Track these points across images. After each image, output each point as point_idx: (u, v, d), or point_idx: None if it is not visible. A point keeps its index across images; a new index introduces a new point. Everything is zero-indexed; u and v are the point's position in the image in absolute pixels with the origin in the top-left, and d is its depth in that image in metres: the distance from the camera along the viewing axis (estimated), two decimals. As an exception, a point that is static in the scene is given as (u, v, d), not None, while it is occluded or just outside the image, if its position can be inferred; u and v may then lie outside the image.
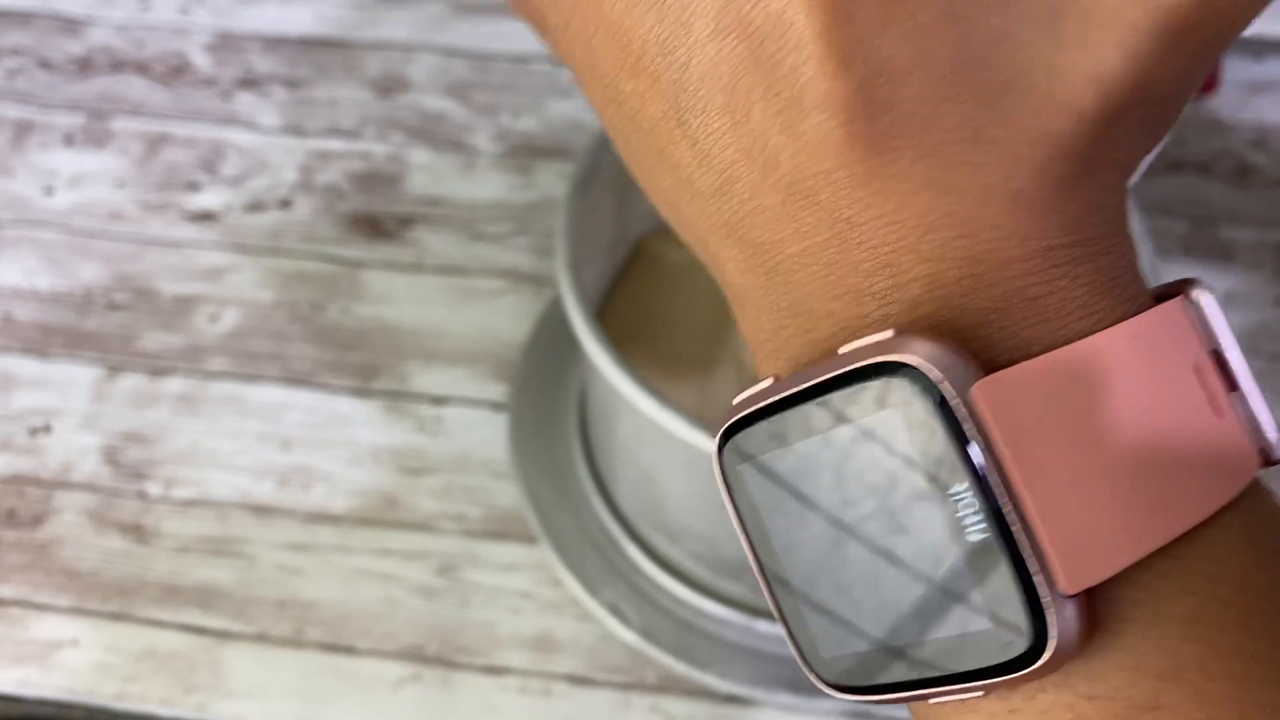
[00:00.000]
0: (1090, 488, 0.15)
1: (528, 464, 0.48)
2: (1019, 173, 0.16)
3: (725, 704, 0.44)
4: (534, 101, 0.60)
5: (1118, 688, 0.16)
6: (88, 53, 0.61)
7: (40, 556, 0.47)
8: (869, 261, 0.16)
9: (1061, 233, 0.16)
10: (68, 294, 0.54)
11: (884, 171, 0.16)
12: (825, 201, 0.16)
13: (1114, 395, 0.15)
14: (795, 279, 0.17)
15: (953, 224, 0.16)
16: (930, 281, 0.16)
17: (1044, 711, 0.16)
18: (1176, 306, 0.16)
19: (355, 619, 0.46)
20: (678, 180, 0.18)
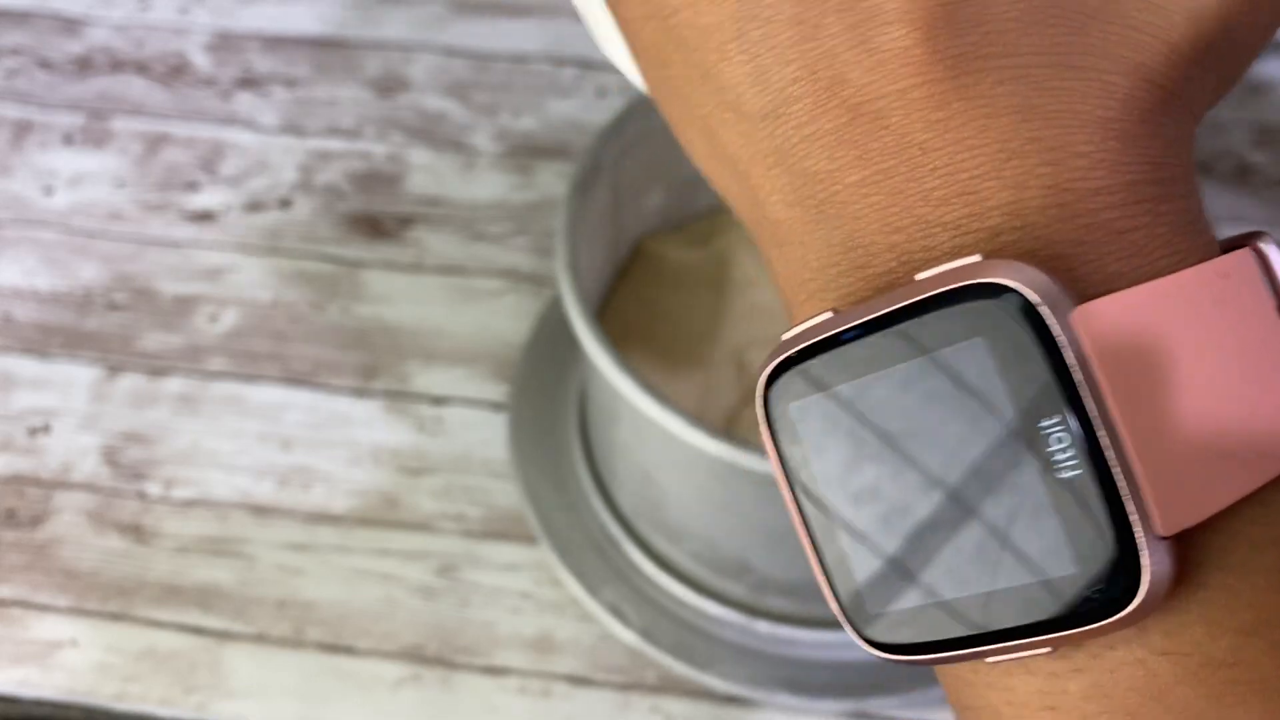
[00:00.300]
0: (1187, 425, 0.14)
1: (528, 464, 0.48)
2: (1109, 102, 0.15)
3: (725, 704, 0.44)
4: (534, 101, 0.59)
5: (1196, 642, 0.15)
6: (87, 52, 0.61)
7: (40, 557, 0.47)
8: (943, 189, 0.15)
9: (1147, 167, 0.15)
10: (67, 294, 0.54)
11: (966, 93, 0.15)
12: (895, 125, 0.15)
13: (1208, 332, 0.15)
14: (852, 210, 0.16)
15: (1039, 150, 0.15)
16: (1012, 210, 0.15)
17: (1113, 670, 0.15)
18: (1248, 255, 0.16)
19: (355, 619, 0.46)
20: (723, 102, 0.16)
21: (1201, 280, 0.15)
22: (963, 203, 0.15)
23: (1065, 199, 0.15)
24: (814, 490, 0.16)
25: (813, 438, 0.16)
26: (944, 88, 0.15)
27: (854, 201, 0.16)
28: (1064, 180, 0.15)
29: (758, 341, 0.47)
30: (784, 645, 0.45)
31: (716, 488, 0.41)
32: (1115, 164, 0.15)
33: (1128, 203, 0.15)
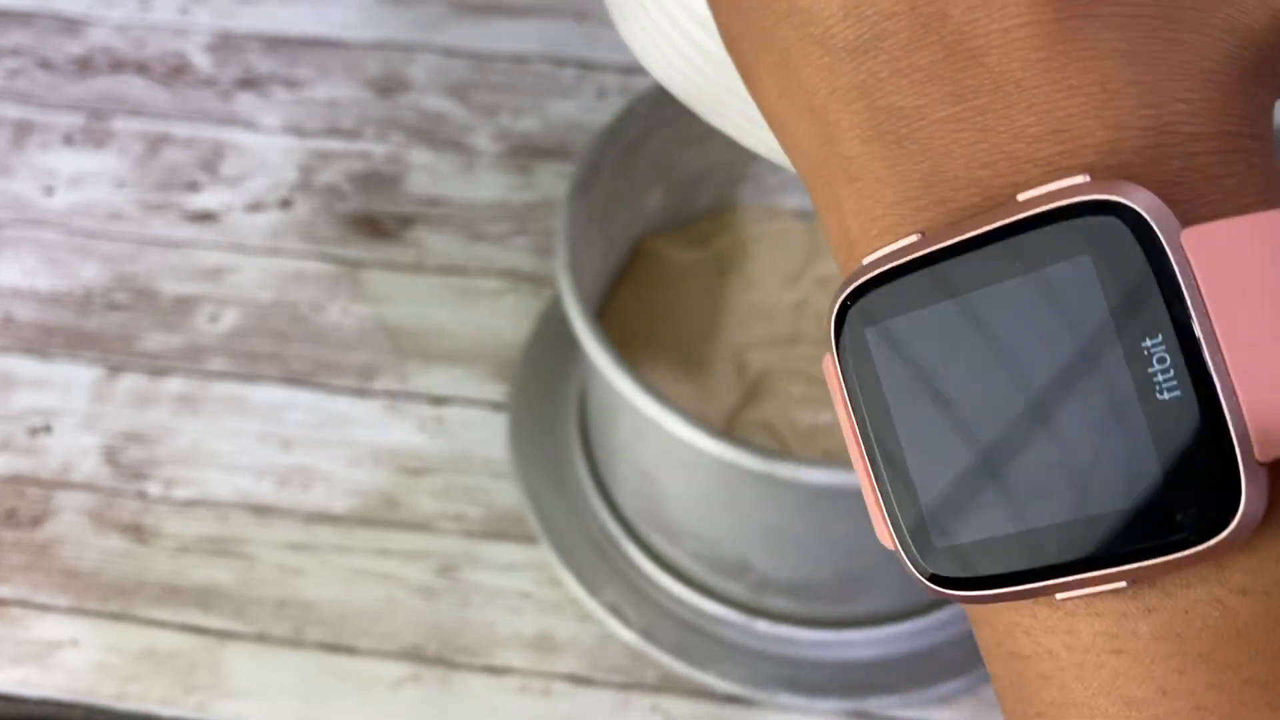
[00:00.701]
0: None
1: (528, 464, 0.48)
2: (1212, 55, 0.15)
3: (725, 704, 0.44)
4: (534, 102, 0.60)
5: (1276, 581, 0.15)
6: (88, 53, 0.61)
7: (40, 556, 0.47)
8: (1038, 126, 0.15)
9: (1243, 122, 0.15)
10: (68, 294, 0.54)
11: (1071, 35, 0.15)
12: (993, 63, 0.15)
13: None
14: (938, 145, 0.15)
15: (1140, 93, 0.15)
16: (1109, 149, 0.15)
17: (1187, 609, 0.15)
18: None
19: (355, 619, 0.46)
20: (808, 35, 0.16)
21: None
22: (1057, 140, 0.15)
23: (1164, 140, 0.15)
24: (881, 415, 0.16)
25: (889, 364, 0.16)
26: (1050, 29, 0.15)
27: (941, 137, 0.15)
28: (1164, 123, 0.15)
29: (757, 342, 0.47)
30: (784, 644, 0.45)
31: (716, 487, 0.41)
32: (1214, 113, 0.15)
33: (1224, 150, 0.15)
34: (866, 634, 0.45)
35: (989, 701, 0.45)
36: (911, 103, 0.16)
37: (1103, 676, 0.15)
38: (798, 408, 0.45)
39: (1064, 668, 0.16)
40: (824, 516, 0.41)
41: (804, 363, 0.46)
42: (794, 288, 0.48)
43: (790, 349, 0.47)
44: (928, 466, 0.16)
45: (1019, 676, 0.16)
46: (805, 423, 0.44)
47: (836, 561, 0.43)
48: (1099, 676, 0.15)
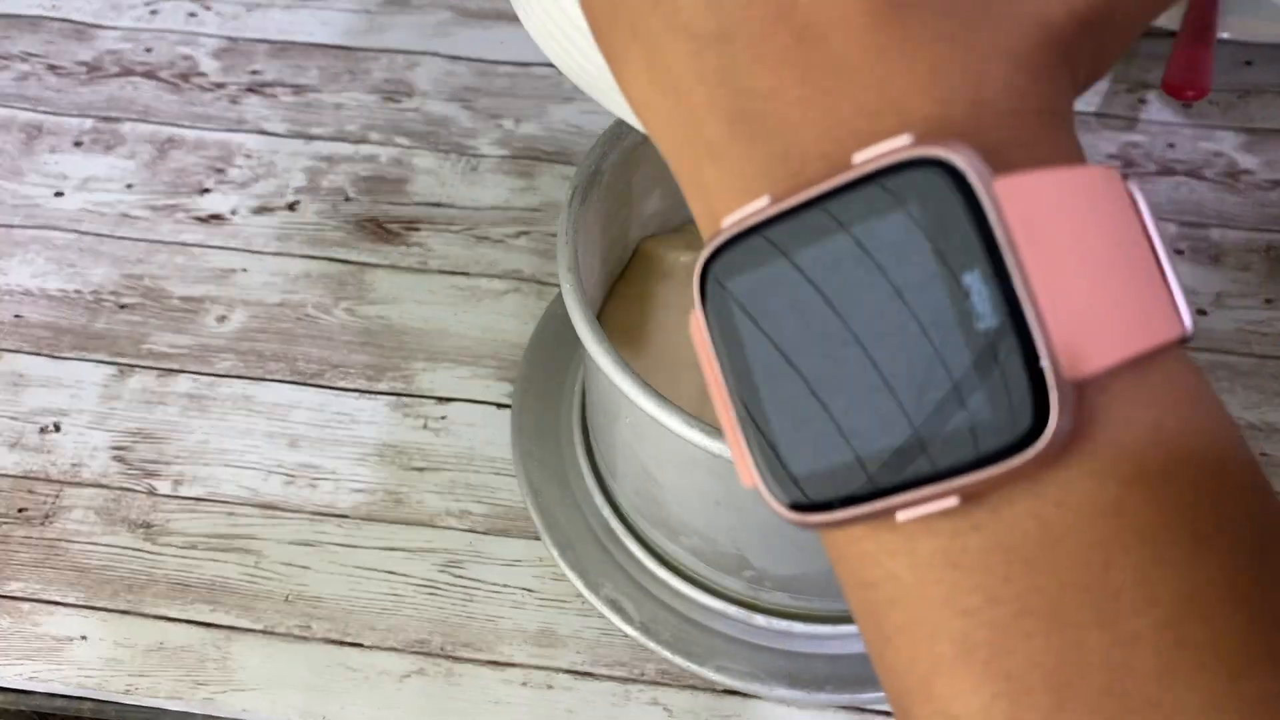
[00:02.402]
0: (1086, 288, 0.16)
1: (530, 462, 0.49)
2: (1022, 43, 0.17)
3: (724, 697, 0.45)
4: (536, 107, 0.60)
5: (1085, 493, 0.16)
6: (97, 57, 0.62)
7: (50, 553, 0.48)
8: (876, 103, 0.17)
9: (1047, 99, 0.17)
10: (78, 295, 0.54)
11: (902, 22, 0.17)
12: (836, 46, 0.17)
13: (1101, 216, 0.16)
14: (790, 123, 0.17)
15: (962, 72, 0.17)
16: (937, 121, 0.17)
17: (1010, 524, 0.16)
18: (1114, 172, 0.18)
19: (361, 614, 0.46)
20: (674, 25, 0.18)
21: (1098, 176, 0.17)
22: (893, 115, 0.17)
23: (982, 113, 0.17)
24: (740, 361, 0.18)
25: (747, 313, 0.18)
26: (884, 17, 0.17)
27: (793, 115, 0.17)
28: (984, 98, 0.17)
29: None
30: (782, 639, 0.45)
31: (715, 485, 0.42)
32: (1026, 91, 0.17)
33: (1033, 123, 0.17)
34: (862, 628, 0.45)
35: (983, 695, 0.45)
36: (767, 84, 0.17)
37: (940, 591, 0.17)
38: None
39: (907, 588, 0.17)
40: (821, 513, 0.41)
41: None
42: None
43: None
44: (779, 407, 0.17)
45: (871, 604, 0.18)
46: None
47: (833, 557, 0.43)
48: (937, 591, 0.17)
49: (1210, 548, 0.16)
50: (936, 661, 0.17)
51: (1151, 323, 0.16)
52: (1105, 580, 0.16)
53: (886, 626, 0.18)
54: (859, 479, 0.17)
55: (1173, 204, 0.57)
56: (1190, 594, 0.16)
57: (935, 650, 0.17)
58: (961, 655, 0.17)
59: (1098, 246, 0.16)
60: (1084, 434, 0.16)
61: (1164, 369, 0.17)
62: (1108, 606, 0.16)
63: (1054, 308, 0.16)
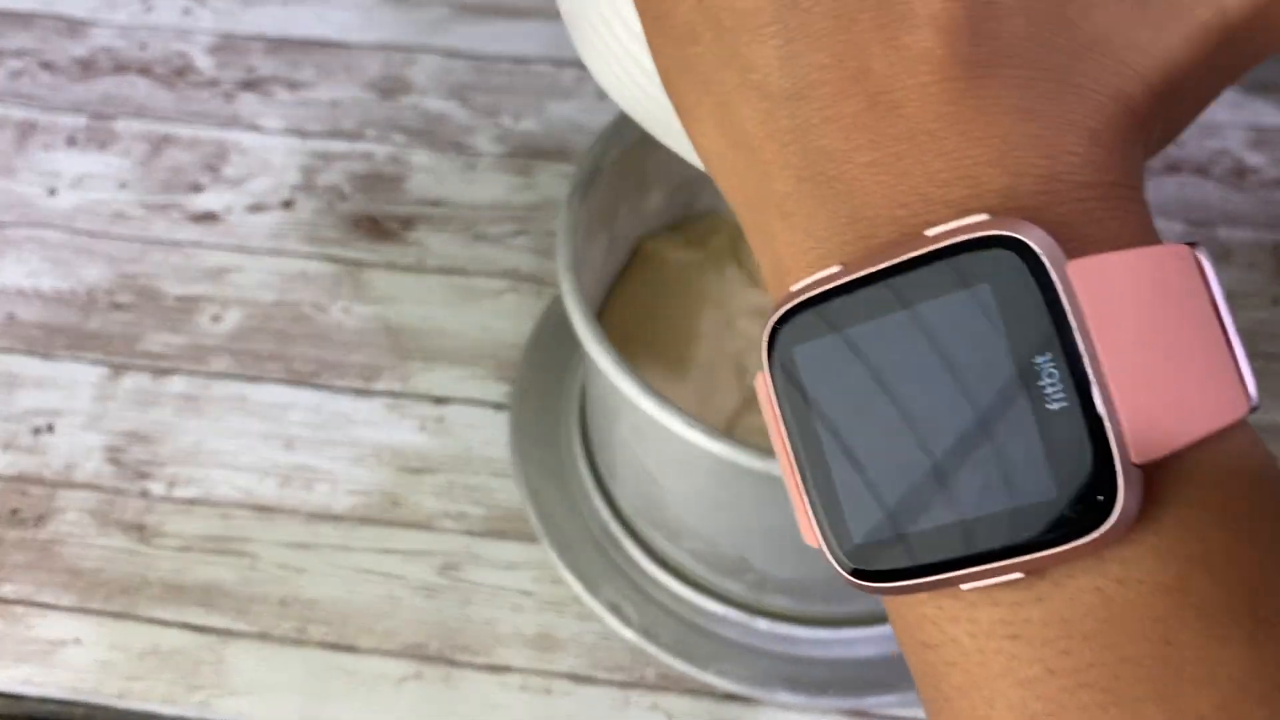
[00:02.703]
0: (1156, 370, 0.16)
1: (528, 463, 0.48)
2: (1097, 116, 0.17)
3: (725, 702, 0.45)
4: (535, 103, 0.60)
5: (1148, 570, 0.16)
6: (90, 54, 0.61)
7: (43, 555, 0.47)
8: (947, 172, 0.17)
9: (1122, 174, 0.18)
10: (71, 294, 0.54)
11: (977, 92, 0.17)
12: (910, 114, 0.17)
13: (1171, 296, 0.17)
14: (861, 186, 0.17)
15: (1036, 146, 0.17)
16: (1008, 193, 0.17)
17: (1072, 597, 0.17)
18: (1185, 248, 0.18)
19: (357, 617, 0.46)
20: (747, 82, 0.18)
21: (1169, 255, 0.17)
22: (964, 185, 0.17)
23: (1056, 187, 0.17)
24: (806, 426, 0.18)
25: (813, 379, 0.18)
26: (959, 86, 0.17)
27: (864, 179, 0.17)
28: (1056, 171, 0.17)
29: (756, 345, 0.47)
30: (784, 643, 0.45)
31: (716, 487, 0.41)
32: (1099, 166, 0.17)
33: (1106, 198, 0.17)
34: (865, 632, 0.45)
35: (987, 700, 0.45)
36: (839, 146, 0.17)
37: (1000, 660, 0.17)
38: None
39: (967, 653, 0.17)
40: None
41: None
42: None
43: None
44: (847, 474, 0.18)
45: (929, 665, 0.18)
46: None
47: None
48: (997, 660, 0.17)
49: (1273, 629, 0.16)
50: None
51: (1218, 403, 0.17)
52: (1164, 656, 0.16)
53: (945, 687, 0.18)
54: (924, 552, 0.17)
55: (1179, 202, 0.57)
56: (1250, 675, 0.16)
57: (992, 715, 0.17)
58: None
59: (1167, 329, 0.17)
60: (1149, 514, 0.17)
61: (1231, 446, 0.17)
62: (1167, 683, 0.16)
63: (1124, 392, 0.16)
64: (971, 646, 0.17)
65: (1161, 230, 0.60)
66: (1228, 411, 0.17)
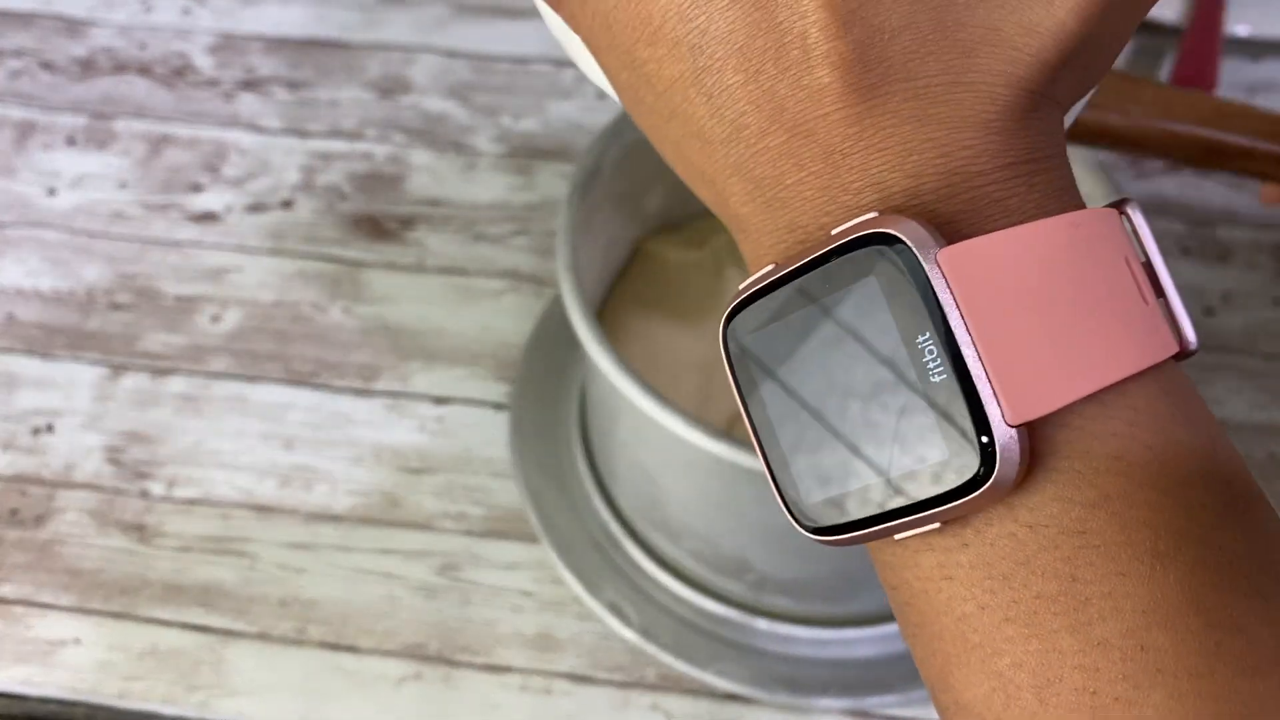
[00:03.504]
0: (1032, 339, 0.18)
1: (528, 463, 0.48)
2: (990, 108, 0.19)
3: (724, 702, 0.44)
4: (534, 103, 0.60)
5: (1052, 515, 0.19)
6: (90, 54, 0.61)
7: (43, 555, 0.47)
8: (859, 182, 0.19)
9: (1021, 151, 0.19)
10: (70, 294, 0.54)
11: (874, 110, 0.19)
12: (822, 138, 0.19)
13: (1054, 267, 0.19)
14: (793, 203, 0.20)
15: (933, 147, 0.19)
16: (912, 192, 0.19)
17: (991, 542, 0.19)
18: (1112, 213, 0.20)
19: (357, 618, 0.46)
20: (689, 131, 0.21)
21: (1054, 227, 0.19)
22: (873, 190, 0.19)
23: (953, 180, 0.19)
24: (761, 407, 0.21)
25: (758, 363, 0.21)
26: (858, 110, 0.19)
27: (793, 197, 0.20)
28: (953, 167, 0.19)
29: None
30: (783, 643, 0.45)
31: (716, 487, 0.41)
32: (995, 152, 0.19)
33: (1004, 179, 0.19)
34: (865, 633, 0.45)
35: (987, 700, 0.45)
36: (770, 173, 0.20)
37: (940, 599, 0.20)
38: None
39: (915, 594, 0.20)
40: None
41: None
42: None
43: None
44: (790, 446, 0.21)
45: (896, 603, 0.21)
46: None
47: (834, 560, 0.43)
48: (938, 599, 0.20)
49: (1171, 562, 0.18)
50: (946, 657, 0.20)
51: (1107, 361, 0.19)
52: (1074, 592, 0.18)
53: (908, 622, 0.21)
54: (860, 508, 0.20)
55: (1180, 202, 0.57)
56: (1151, 605, 0.18)
57: (943, 648, 0.20)
58: (962, 654, 0.20)
59: (1046, 297, 0.18)
60: (1049, 464, 0.19)
61: (1135, 395, 0.19)
62: (1077, 616, 0.18)
63: (995, 360, 0.18)
64: (919, 588, 0.20)
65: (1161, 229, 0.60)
66: (1117, 368, 0.19)
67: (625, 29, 0.21)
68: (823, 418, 0.20)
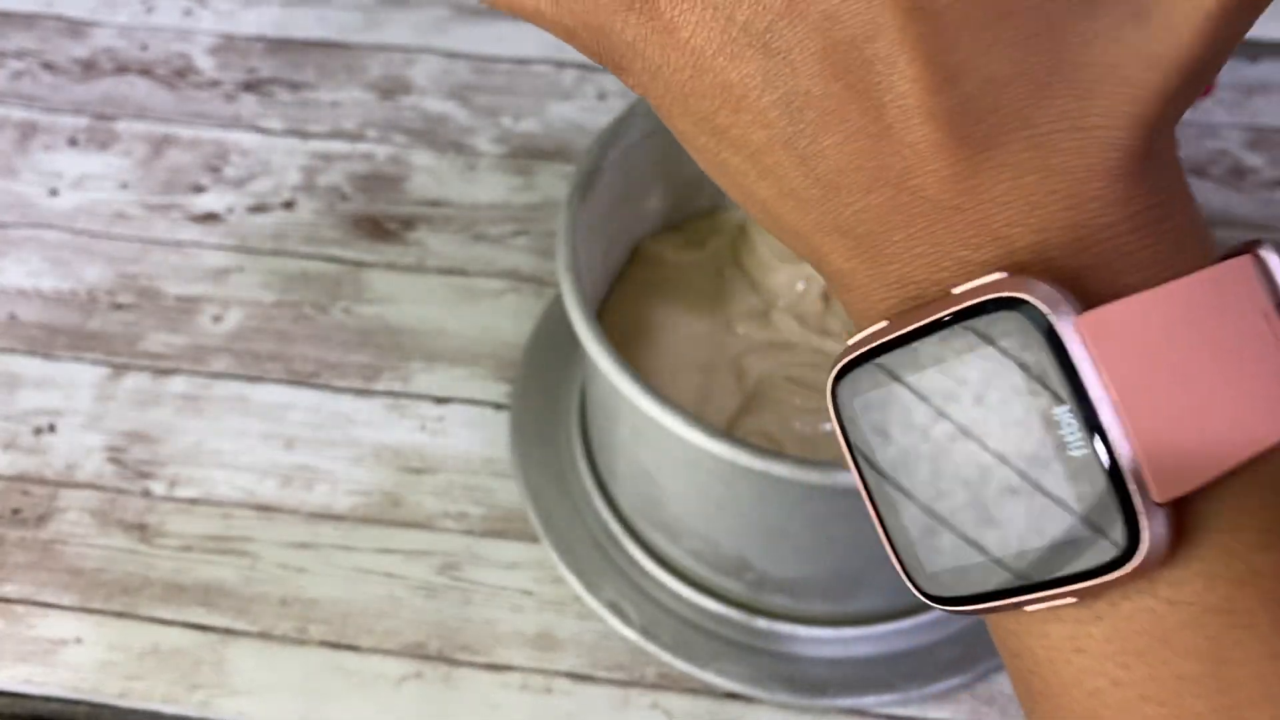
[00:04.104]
0: (1177, 410, 0.17)
1: (529, 463, 0.48)
2: (1114, 153, 0.18)
3: (724, 701, 0.45)
4: (535, 104, 0.60)
5: (1196, 593, 0.18)
6: (92, 55, 0.61)
7: (45, 555, 0.47)
8: (978, 237, 0.18)
9: (1148, 196, 0.18)
10: (72, 294, 0.54)
11: (990, 162, 0.18)
12: (931, 194, 0.18)
13: (1196, 329, 0.17)
14: (901, 259, 0.19)
15: (1058, 200, 0.18)
16: (1038, 249, 0.18)
17: (1128, 617, 0.18)
18: (1246, 261, 0.18)
19: (358, 617, 0.46)
20: (781, 192, 0.20)
21: (1193, 285, 0.17)
22: (995, 246, 0.18)
23: (1081, 234, 0.18)
24: (878, 470, 0.20)
25: (871, 425, 0.19)
26: (972, 163, 0.18)
27: (903, 253, 0.19)
28: (1081, 220, 0.18)
29: (755, 347, 0.47)
30: (783, 642, 0.45)
31: (716, 486, 0.41)
32: (1122, 201, 0.18)
33: (1134, 229, 0.18)
34: (864, 631, 0.45)
35: (986, 699, 0.45)
36: (876, 229, 0.19)
37: (1070, 671, 0.19)
38: (797, 417, 0.45)
39: (1041, 663, 0.19)
40: (822, 515, 0.41)
41: (802, 369, 0.46)
42: (792, 291, 0.49)
43: (789, 354, 0.47)
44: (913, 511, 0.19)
45: (1017, 670, 0.20)
46: (806, 433, 0.45)
47: (834, 560, 0.43)
48: (1067, 671, 0.19)
49: None
50: None
51: (1255, 428, 0.17)
52: (1220, 675, 0.18)
53: (1030, 690, 0.20)
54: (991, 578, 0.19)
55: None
56: None
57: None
58: None
59: (1189, 363, 0.17)
60: (1193, 539, 0.18)
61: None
62: (1223, 700, 0.17)
63: (1141, 435, 0.17)
64: (1044, 658, 0.19)
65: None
66: (1265, 433, 0.17)
67: (703, 99, 0.19)
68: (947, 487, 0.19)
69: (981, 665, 0.45)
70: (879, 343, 0.19)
